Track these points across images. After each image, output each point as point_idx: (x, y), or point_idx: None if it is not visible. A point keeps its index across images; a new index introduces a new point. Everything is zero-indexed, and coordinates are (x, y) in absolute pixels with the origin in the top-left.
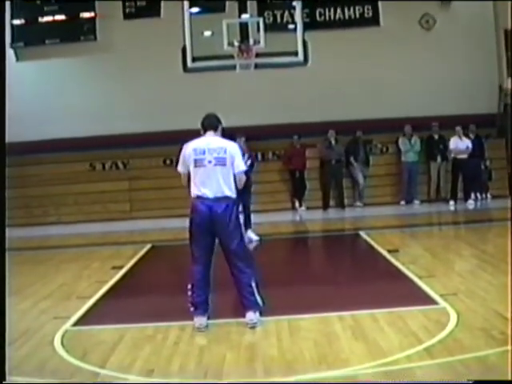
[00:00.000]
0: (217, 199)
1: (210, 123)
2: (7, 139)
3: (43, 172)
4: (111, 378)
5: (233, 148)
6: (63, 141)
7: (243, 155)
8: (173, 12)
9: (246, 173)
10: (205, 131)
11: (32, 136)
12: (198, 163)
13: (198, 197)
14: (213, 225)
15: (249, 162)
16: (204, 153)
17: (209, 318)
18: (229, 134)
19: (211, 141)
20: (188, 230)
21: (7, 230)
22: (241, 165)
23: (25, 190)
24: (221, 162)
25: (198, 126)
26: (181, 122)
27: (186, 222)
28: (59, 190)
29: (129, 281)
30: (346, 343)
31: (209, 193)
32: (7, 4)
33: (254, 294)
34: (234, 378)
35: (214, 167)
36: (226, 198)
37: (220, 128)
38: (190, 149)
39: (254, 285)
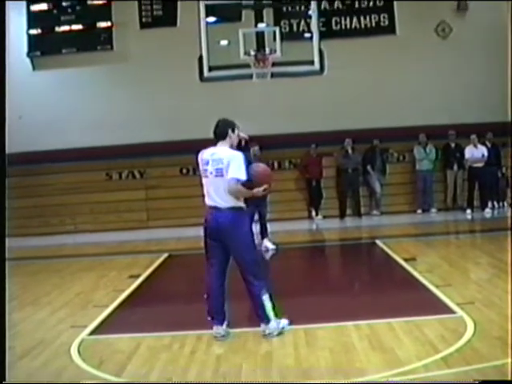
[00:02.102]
0: (222, 209)
1: (218, 132)
2: (23, 149)
3: (60, 181)
4: None
5: (230, 157)
6: (79, 150)
7: (248, 165)
8: (189, 21)
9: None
10: (216, 141)
11: (48, 145)
12: (203, 173)
13: (209, 207)
14: (220, 235)
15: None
16: (208, 163)
17: (229, 326)
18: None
19: (216, 151)
20: (203, 240)
21: (24, 239)
22: (232, 172)
23: (41, 199)
24: (219, 172)
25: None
26: (197, 132)
27: (202, 231)
28: (76, 199)
29: (145, 290)
30: (363, 352)
31: (213, 203)
32: (23, 13)
33: (263, 307)
34: None
35: (215, 178)
36: (231, 208)
37: (231, 134)
38: (199, 159)
39: (263, 297)
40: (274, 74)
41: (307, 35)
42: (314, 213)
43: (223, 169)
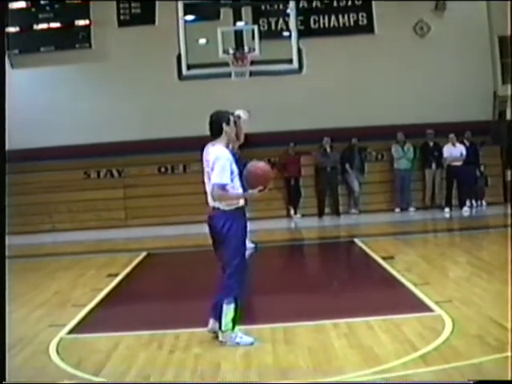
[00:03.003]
0: (215, 209)
1: (212, 129)
2: None
3: (38, 180)
4: None
5: (214, 159)
6: (58, 149)
7: (237, 163)
8: (167, 19)
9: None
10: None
11: (26, 144)
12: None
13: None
14: (212, 234)
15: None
16: (205, 163)
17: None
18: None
19: (210, 151)
20: None
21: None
22: (214, 177)
23: (19, 197)
24: (209, 174)
25: (192, 133)
26: (175, 130)
27: (181, 230)
28: (54, 198)
29: (124, 289)
30: (341, 351)
31: (210, 203)
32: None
33: (222, 314)
34: None
35: (207, 179)
36: (218, 209)
37: (226, 129)
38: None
39: (227, 306)
40: (253, 73)
41: (286, 34)
42: (292, 211)
43: (209, 171)
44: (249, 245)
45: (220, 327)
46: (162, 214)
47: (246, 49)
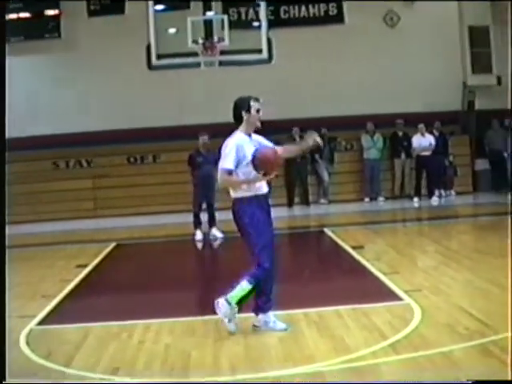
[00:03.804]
0: (233, 199)
1: (234, 117)
2: None
3: (6, 171)
4: (76, 377)
5: (224, 145)
6: (26, 139)
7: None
8: (137, 9)
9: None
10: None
11: None
12: None
13: None
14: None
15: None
16: None
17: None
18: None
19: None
20: None
21: None
22: (220, 163)
23: None
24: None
25: (162, 123)
26: (145, 120)
27: (151, 220)
28: (22, 189)
29: (93, 279)
30: (312, 340)
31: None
32: None
33: (236, 288)
34: (200, 375)
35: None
36: (235, 198)
37: (247, 116)
38: None
39: (244, 283)
40: (222, 63)
41: (255, 24)
42: None
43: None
44: (218, 235)
45: (226, 298)
46: (131, 204)
47: (216, 38)
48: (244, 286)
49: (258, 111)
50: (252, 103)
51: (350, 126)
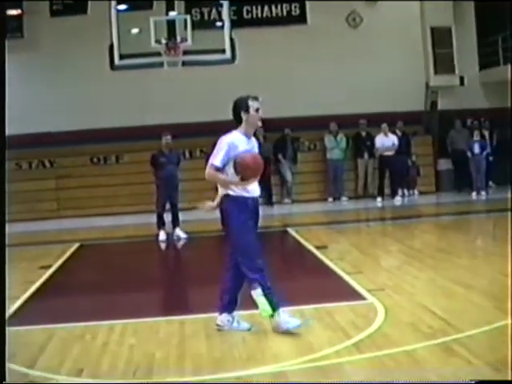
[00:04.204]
0: (222, 196)
1: (234, 117)
2: None
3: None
4: (40, 379)
5: (218, 142)
6: None
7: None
8: (100, 9)
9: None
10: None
11: None
12: None
13: None
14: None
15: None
16: None
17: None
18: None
19: None
20: None
21: None
22: (211, 157)
23: None
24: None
25: (124, 123)
26: (108, 120)
27: (114, 221)
28: None
29: (57, 280)
30: (275, 340)
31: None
32: None
33: (257, 304)
34: (164, 376)
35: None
36: (224, 196)
37: (246, 116)
38: None
39: (254, 294)
40: (185, 63)
41: (218, 24)
42: None
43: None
44: (182, 235)
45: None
46: (94, 204)
47: (179, 39)
48: (256, 297)
49: (257, 110)
50: (250, 103)
51: (313, 126)
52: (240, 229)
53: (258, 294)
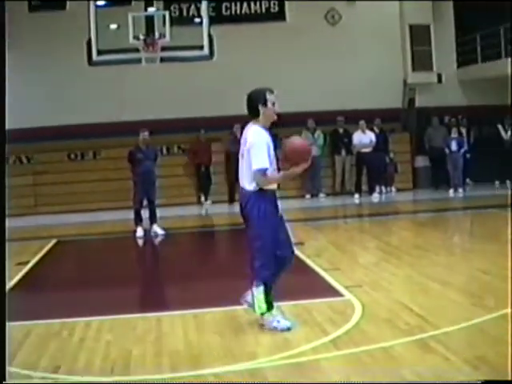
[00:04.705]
0: (244, 190)
1: (249, 110)
2: None
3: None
4: (18, 376)
5: (251, 143)
6: None
7: (275, 147)
8: (78, 4)
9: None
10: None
11: None
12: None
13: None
14: (242, 215)
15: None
16: (243, 143)
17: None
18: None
19: (246, 130)
20: None
21: None
22: (254, 163)
23: None
24: (243, 153)
25: (102, 119)
26: (85, 116)
27: (92, 217)
28: None
29: (34, 277)
30: (253, 336)
31: (240, 183)
32: None
33: (253, 297)
34: (141, 373)
35: (242, 159)
36: (247, 191)
37: (264, 110)
38: None
39: (255, 288)
40: (163, 59)
41: (197, 20)
42: (203, 198)
43: (244, 151)
44: (159, 231)
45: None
46: (72, 200)
47: (157, 35)
48: (256, 294)
49: (273, 104)
50: (268, 96)
51: (290, 122)
52: (260, 227)
53: (259, 291)
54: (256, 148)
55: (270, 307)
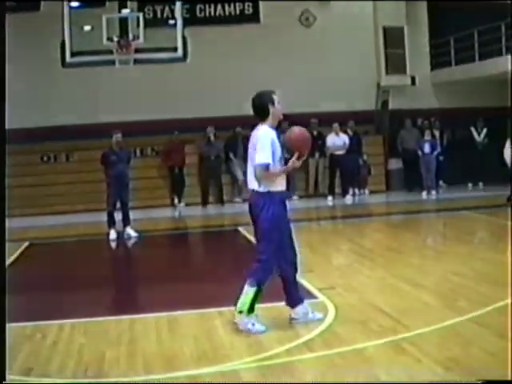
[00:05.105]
0: (254, 192)
1: (257, 112)
2: None
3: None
4: None
5: (257, 138)
6: None
7: (282, 149)
8: (52, 5)
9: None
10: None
11: None
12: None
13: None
14: (251, 217)
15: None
16: (251, 145)
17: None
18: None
19: (254, 132)
20: None
21: None
22: (257, 157)
23: None
24: (250, 155)
25: (75, 121)
26: (59, 118)
27: (64, 219)
28: None
29: (6, 279)
30: (227, 338)
31: (249, 185)
32: None
33: (242, 294)
34: (115, 375)
35: (249, 160)
36: (257, 192)
37: (273, 110)
38: None
39: (249, 287)
40: (137, 61)
41: (171, 22)
42: (176, 200)
43: (251, 151)
44: (132, 234)
45: (237, 305)
46: (44, 203)
47: (131, 36)
48: (247, 291)
49: (278, 103)
50: (274, 96)
51: None
52: (270, 230)
53: (251, 290)
54: (260, 144)
55: (250, 310)
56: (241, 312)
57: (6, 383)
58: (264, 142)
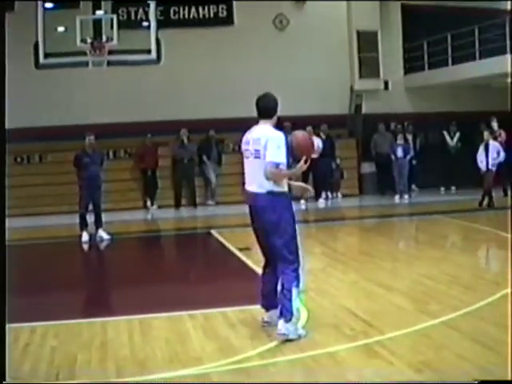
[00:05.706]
0: (259, 194)
1: (266, 110)
2: None
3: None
4: None
5: (268, 137)
6: None
7: (288, 148)
8: (26, 6)
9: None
10: (259, 119)
11: None
12: (244, 154)
13: (247, 191)
14: (256, 219)
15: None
16: (248, 143)
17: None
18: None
19: (257, 130)
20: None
21: None
22: (270, 155)
23: None
24: (257, 154)
25: (48, 123)
26: (32, 119)
27: (37, 221)
28: None
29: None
30: (198, 342)
31: (250, 187)
32: None
33: (290, 301)
34: (86, 378)
35: (254, 160)
36: (268, 192)
37: (275, 115)
38: (244, 138)
39: (294, 291)
40: (111, 62)
41: (145, 24)
42: (149, 203)
43: (260, 150)
44: (105, 236)
45: (285, 317)
46: (17, 204)
47: (105, 38)
48: (295, 301)
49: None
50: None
51: (237, 127)
52: (290, 223)
53: (296, 299)
54: (275, 143)
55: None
56: (290, 321)
57: (5, 383)
58: (279, 142)
